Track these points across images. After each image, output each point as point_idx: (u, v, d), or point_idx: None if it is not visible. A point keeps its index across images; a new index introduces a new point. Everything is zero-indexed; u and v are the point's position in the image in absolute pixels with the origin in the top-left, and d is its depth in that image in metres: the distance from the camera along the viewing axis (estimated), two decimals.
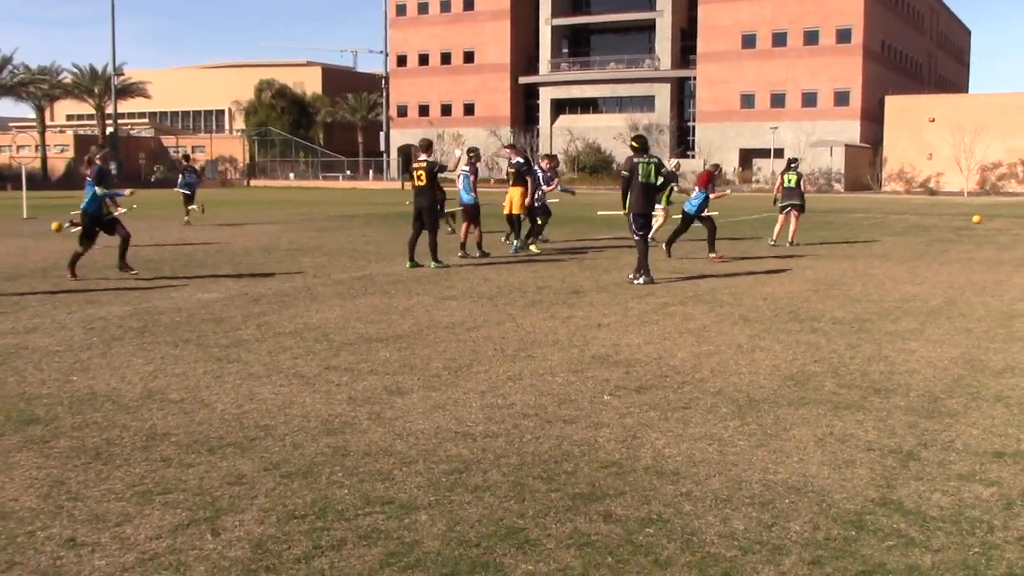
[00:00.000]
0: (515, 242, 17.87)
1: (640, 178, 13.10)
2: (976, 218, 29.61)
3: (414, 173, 15.13)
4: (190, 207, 26.48)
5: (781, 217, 20.17)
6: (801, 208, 19.93)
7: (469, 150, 17.15)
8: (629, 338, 9.03)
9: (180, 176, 28.20)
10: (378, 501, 4.64)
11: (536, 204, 17.65)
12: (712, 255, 16.41)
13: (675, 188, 19.92)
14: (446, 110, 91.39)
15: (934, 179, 67.82)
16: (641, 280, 13.10)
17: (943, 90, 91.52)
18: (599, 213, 25.64)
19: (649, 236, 14.30)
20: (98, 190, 13.48)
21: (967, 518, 4.48)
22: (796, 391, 6.95)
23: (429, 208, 14.92)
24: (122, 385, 7.04)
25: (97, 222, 13.75)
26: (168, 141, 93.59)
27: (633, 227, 13.35)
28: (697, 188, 16.74)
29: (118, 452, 5.41)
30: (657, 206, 18.55)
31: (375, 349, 8.43)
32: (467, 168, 16.79)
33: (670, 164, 20.72)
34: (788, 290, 12.56)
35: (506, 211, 17.94)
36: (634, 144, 13.48)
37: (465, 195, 16.68)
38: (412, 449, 5.48)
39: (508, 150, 19.01)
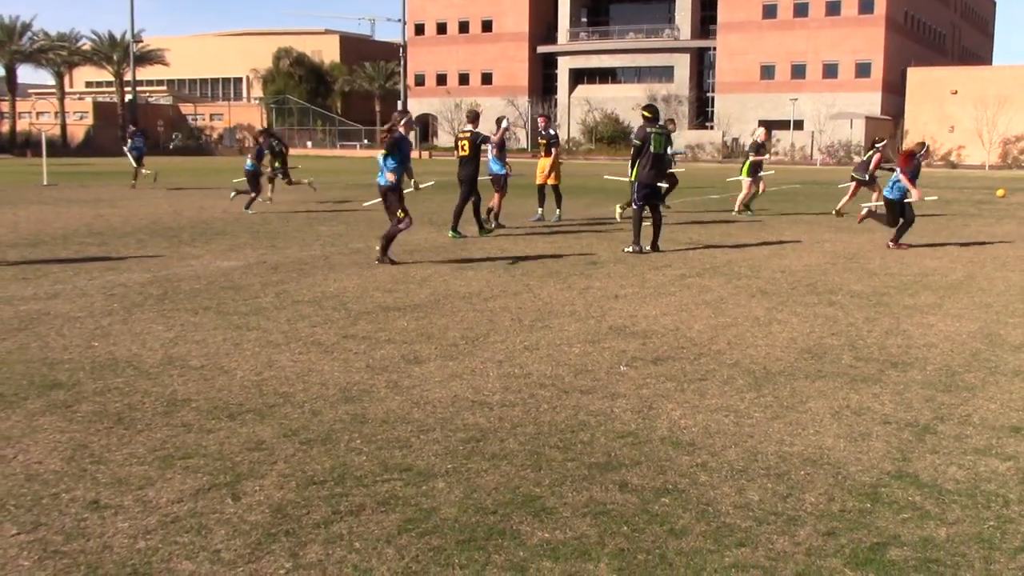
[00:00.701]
0: (539, 211, 18.31)
1: (652, 148, 13.18)
2: (1000, 192, 29.34)
3: (458, 143, 15.28)
4: (142, 171, 27.90)
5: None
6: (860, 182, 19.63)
7: (498, 119, 17.09)
8: (646, 309, 9.03)
9: (129, 140, 29.24)
10: (396, 468, 4.68)
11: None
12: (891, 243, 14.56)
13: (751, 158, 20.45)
14: (464, 79, 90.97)
15: (955, 152, 67.14)
16: (629, 249, 13.27)
17: (966, 62, 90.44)
18: (606, 177, 25.69)
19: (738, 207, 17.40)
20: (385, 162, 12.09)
21: (983, 492, 4.49)
22: (813, 364, 6.95)
23: (472, 177, 15.04)
24: (143, 351, 7.11)
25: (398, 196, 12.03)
26: (186, 109, 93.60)
27: (635, 196, 13.49)
28: (898, 169, 14.44)
29: (139, 417, 5.48)
30: (740, 177, 19.20)
31: (392, 318, 8.47)
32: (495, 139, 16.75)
33: (755, 134, 21.04)
34: (806, 263, 12.52)
35: (538, 181, 18.05)
36: (646, 114, 13.51)
37: (495, 165, 16.71)
38: (429, 417, 5.52)
39: (542, 120, 19.09)
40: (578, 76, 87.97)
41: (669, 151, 13.79)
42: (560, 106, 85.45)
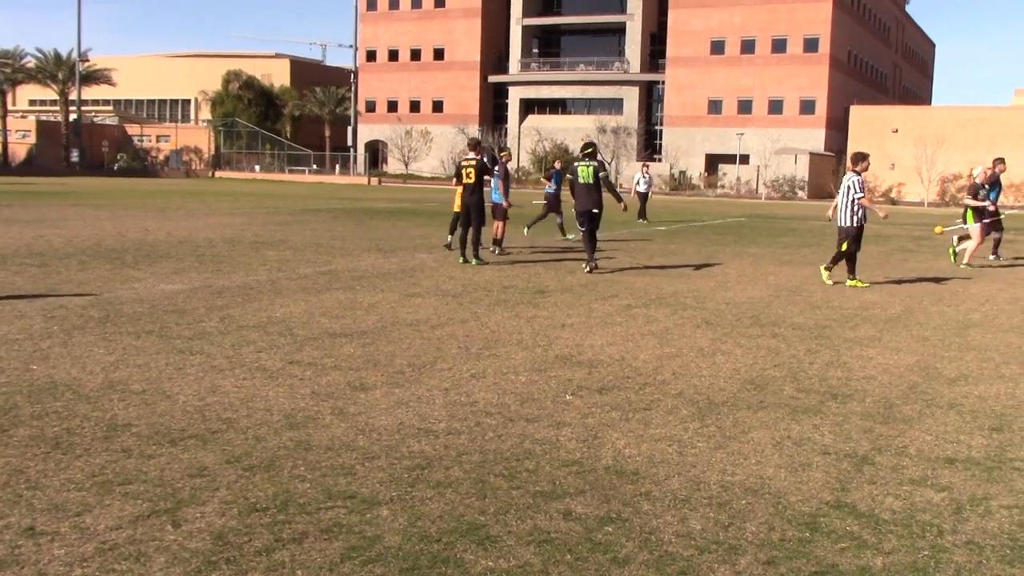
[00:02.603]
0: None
1: (580, 179, 14.90)
2: (938, 228, 29.97)
3: (463, 171, 15.47)
4: None
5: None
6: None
7: (501, 150, 17.58)
8: (592, 339, 9.10)
9: None
10: (340, 495, 4.66)
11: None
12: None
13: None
14: (415, 106, 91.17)
15: (896, 189, 68.66)
16: (586, 268, 14.78)
17: (907, 101, 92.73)
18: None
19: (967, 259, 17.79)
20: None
21: (918, 522, 4.58)
22: (755, 395, 7.05)
23: (478, 205, 15.31)
24: (83, 375, 7.00)
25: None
26: (132, 130, 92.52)
27: (577, 222, 15.13)
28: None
29: (78, 442, 5.39)
30: (965, 225, 18.31)
31: (339, 344, 8.43)
32: (499, 169, 17.30)
33: (975, 173, 18.55)
34: (750, 295, 12.70)
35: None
36: (585, 151, 15.41)
37: (496, 195, 17.08)
38: (375, 444, 5.50)
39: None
40: (529, 106, 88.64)
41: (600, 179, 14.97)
42: (510, 135, 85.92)
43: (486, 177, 16.66)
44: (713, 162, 77.02)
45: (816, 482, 5.11)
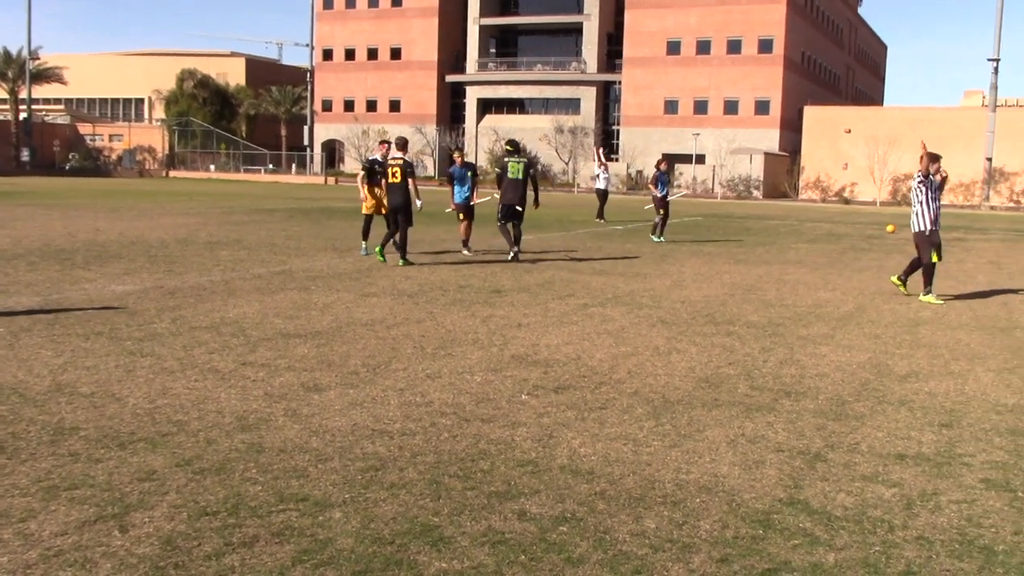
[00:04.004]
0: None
1: (509, 175, 15.91)
2: (890, 227, 30.43)
3: (389, 170, 15.06)
4: None
5: None
6: None
7: (455, 150, 17.51)
8: (548, 338, 9.09)
9: None
10: (292, 498, 4.60)
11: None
12: None
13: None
14: (371, 106, 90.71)
15: (849, 188, 69.53)
16: (509, 256, 15.82)
17: (859, 102, 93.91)
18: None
19: None
20: None
21: (869, 518, 4.62)
22: (710, 393, 7.08)
23: (404, 205, 14.92)
24: (30, 378, 6.86)
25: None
26: (84, 129, 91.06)
27: (499, 214, 16.01)
28: None
29: (24, 446, 5.27)
30: None
31: (293, 345, 8.35)
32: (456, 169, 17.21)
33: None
34: (706, 294, 12.78)
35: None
36: (508, 147, 16.44)
37: (459, 195, 16.97)
38: (328, 446, 5.45)
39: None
40: (486, 106, 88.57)
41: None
42: (468, 135, 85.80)
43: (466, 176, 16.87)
44: (670, 162, 77.29)
45: (769, 479, 5.14)
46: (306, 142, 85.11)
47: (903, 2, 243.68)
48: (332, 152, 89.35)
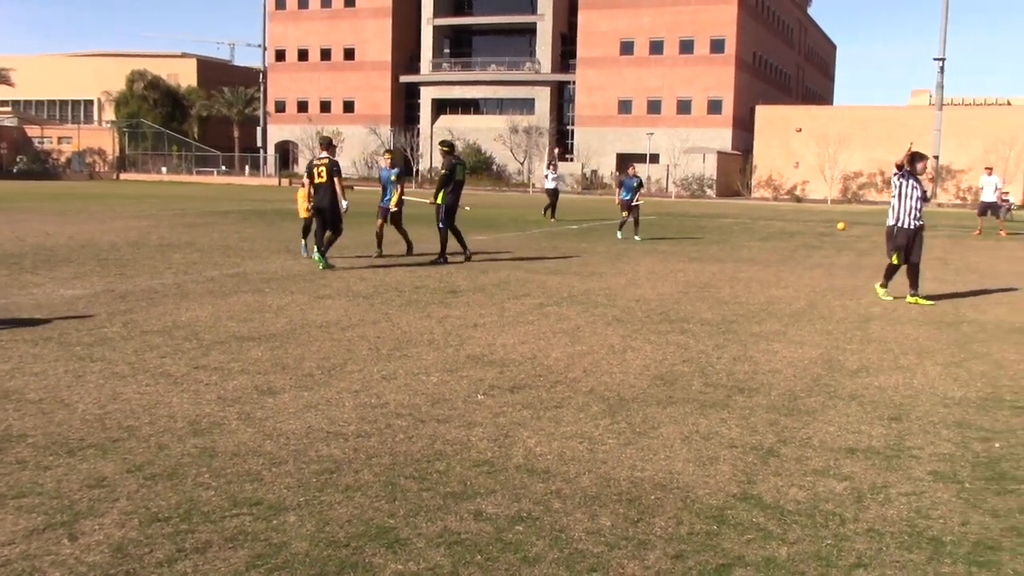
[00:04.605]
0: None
1: (458, 177, 15.87)
2: (841, 224, 30.87)
3: (315, 170, 14.71)
4: None
5: None
6: None
7: (385, 151, 17.29)
8: (504, 338, 9.10)
9: None
10: (246, 502, 4.56)
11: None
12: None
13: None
14: (325, 107, 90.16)
15: (800, 187, 70.36)
16: (441, 261, 15.60)
17: (810, 102, 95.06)
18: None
19: None
20: None
21: (821, 511, 4.68)
22: (665, 390, 7.13)
23: (330, 206, 14.59)
24: None
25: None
26: (32, 131, 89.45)
27: (441, 216, 15.77)
28: None
29: None
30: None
31: (246, 348, 8.27)
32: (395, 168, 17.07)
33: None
34: (660, 292, 12.86)
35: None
36: (445, 148, 16.03)
37: (387, 198, 16.85)
38: (282, 449, 5.41)
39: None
40: (441, 106, 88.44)
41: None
42: (423, 136, 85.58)
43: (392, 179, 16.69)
44: (624, 161, 77.77)
45: (723, 475, 5.18)
46: (259, 143, 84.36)
47: (852, 3, 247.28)
48: (286, 153, 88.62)
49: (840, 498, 4.88)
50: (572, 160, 79.18)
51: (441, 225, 15.97)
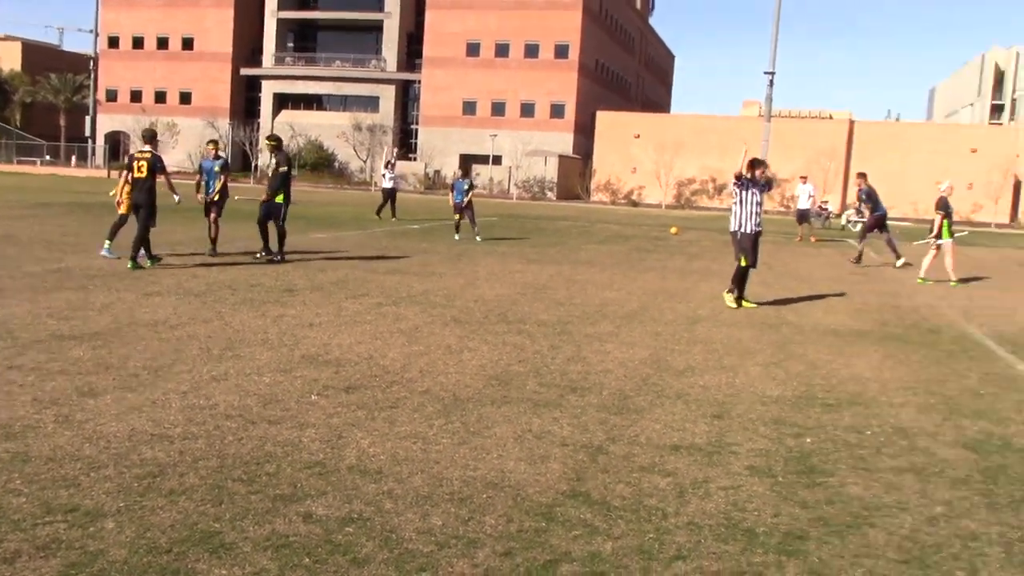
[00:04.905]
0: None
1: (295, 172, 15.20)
2: (674, 229, 31.94)
3: (135, 164, 13.99)
4: None
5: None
6: None
7: (209, 141, 16.57)
8: (341, 338, 9.01)
9: None
10: (60, 509, 4.36)
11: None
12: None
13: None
14: (160, 97, 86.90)
15: (637, 191, 72.33)
16: (268, 255, 15.44)
17: (648, 109, 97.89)
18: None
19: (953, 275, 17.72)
20: None
21: (645, 506, 4.85)
22: (500, 390, 7.22)
23: (147, 202, 13.85)
24: None
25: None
26: None
27: (284, 214, 15.55)
28: None
29: None
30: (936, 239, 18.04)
31: (67, 347, 7.89)
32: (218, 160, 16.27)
33: (942, 187, 18.29)
34: (498, 293, 13.00)
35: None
36: (275, 143, 15.82)
37: (209, 190, 16.04)
38: (102, 453, 5.19)
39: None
40: (283, 101, 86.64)
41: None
42: (263, 130, 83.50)
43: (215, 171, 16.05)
44: (467, 162, 78.18)
45: (554, 473, 5.29)
46: (88, 133, 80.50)
47: (689, 15, 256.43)
48: (116, 144, 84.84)
49: (663, 493, 5.06)
50: (416, 160, 79.00)
51: (283, 223, 15.61)
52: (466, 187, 23.14)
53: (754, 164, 12.78)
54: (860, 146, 71.02)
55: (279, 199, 15.59)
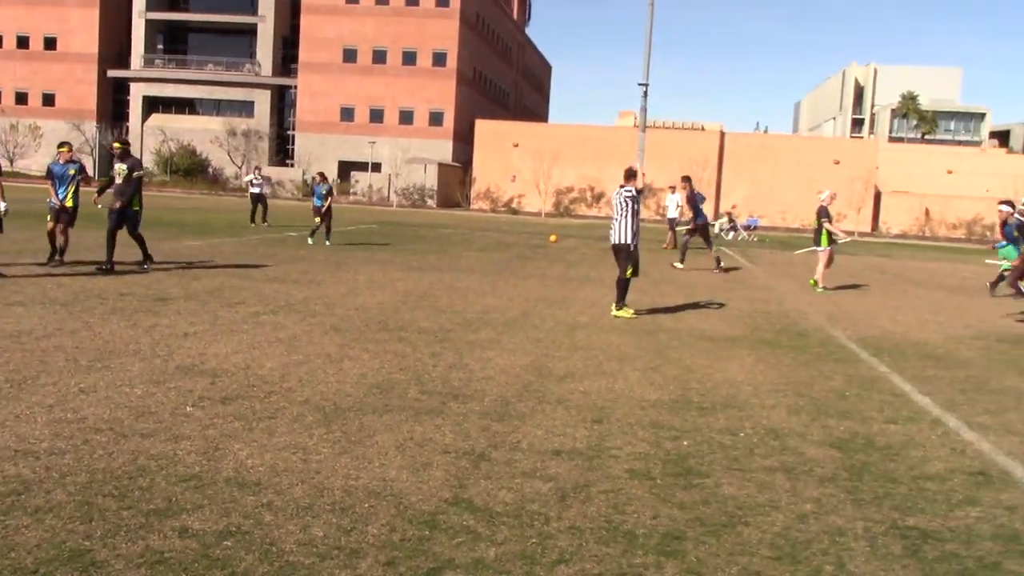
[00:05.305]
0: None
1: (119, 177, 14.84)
2: (553, 237, 32.32)
3: None
4: None
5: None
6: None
7: (60, 145, 15.50)
8: (217, 347, 8.79)
9: None
10: None
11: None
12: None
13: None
14: (21, 98, 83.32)
15: (517, 200, 72.96)
16: (146, 266, 14.85)
17: (526, 118, 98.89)
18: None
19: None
20: None
21: (527, 511, 4.88)
22: (381, 398, 7.16)
23: None
24: None
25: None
26: None
27: (139, 221, 15.04)
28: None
29: None
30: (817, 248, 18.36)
31: None
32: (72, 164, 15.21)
33: (823, 196, 18.64)
34: (379, 300, 12.91)
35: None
36: (125, 147, 15.25)
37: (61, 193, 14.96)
38: None
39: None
40: (153, 104, 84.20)
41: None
42: (132, 134, 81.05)
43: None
44: (346, 169, 77.54)
45: (436, 481, 5.28)
46: None
47: (565, 26, 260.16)
48: None
49: (545, 498, 5.11)
50: (293, 166, 77.83)
51: (139, 230, 15.00)
52: (324, 191, 23.41)
53: (628, 174, 12.95)
54: (731, 156, 73.36)
55: (135, 206, 14.94)
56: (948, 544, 4.80)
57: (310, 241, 23.21)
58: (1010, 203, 17.56)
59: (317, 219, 23.41)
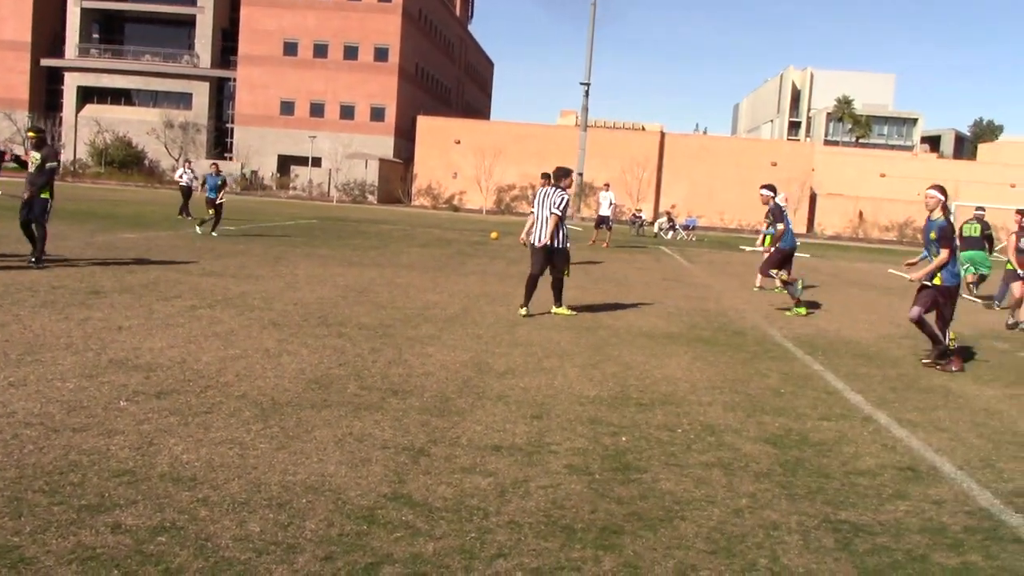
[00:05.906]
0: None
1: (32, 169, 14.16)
2: (494, 234, 32.32)
3: None
4: None
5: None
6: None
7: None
8: (152, 342, 8.65)
9: None
10: None
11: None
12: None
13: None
14: None
15: (458, 196, 72.84)
16: (33, 260, 13.83)
17: (469, 115, 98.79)
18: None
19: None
20: None
21: (466, 507, 4.89)
22: (320, 394, 7.11)
23: None
24: None
25: None
26: None
27: (48, 211, 14.23)
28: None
29: None
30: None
31: None
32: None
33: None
34: (319, 295, 12.80)
35: None
36: (40, 135, 14.53)
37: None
38: None
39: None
40: (88, 94, 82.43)
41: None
42: (67, 124, 79.33)
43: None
44: (285, 163, 76.74)
45: (375, 476, 5.26)
46: None
47: (508, 23, 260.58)
48: None
49: (484, 493, 5.12)
50: (232, 159, 76.80)
51: (45, 222, 14.14)
52: (219, 183, 23.34)
53: (562, 174, 12.91)
54: (670, 157, 74.05)
55: (44, 195, 14.16)
56: (879, 537, 4.91)
57: (198, 230, 23.14)
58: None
59: (211, 211, 23.36)
